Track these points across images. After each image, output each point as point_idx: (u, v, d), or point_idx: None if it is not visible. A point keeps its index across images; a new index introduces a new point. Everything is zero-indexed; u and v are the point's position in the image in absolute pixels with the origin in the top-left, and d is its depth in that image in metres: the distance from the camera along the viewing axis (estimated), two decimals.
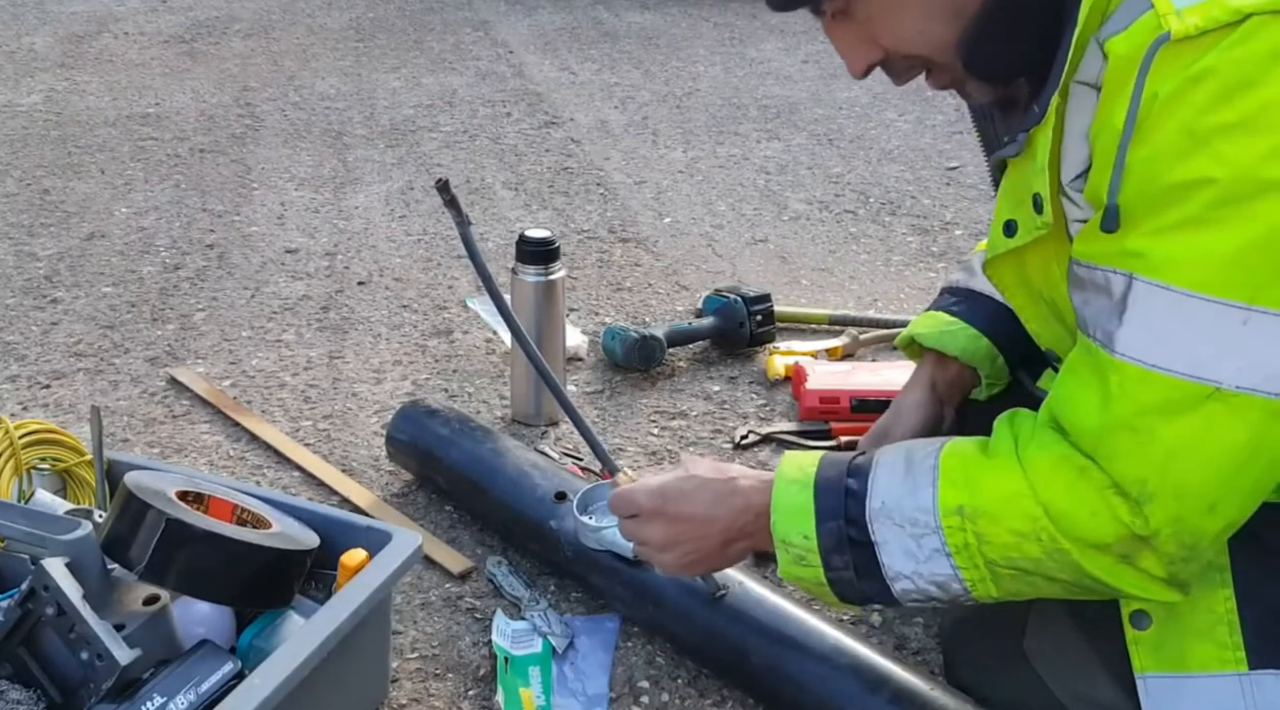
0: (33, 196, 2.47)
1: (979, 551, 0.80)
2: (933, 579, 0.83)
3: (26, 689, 0.86)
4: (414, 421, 1.38)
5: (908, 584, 0.84)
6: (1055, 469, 0.77)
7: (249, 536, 0.93)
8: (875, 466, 0.86)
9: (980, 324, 1.16)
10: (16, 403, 1.61)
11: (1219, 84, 0.69)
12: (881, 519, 0.83)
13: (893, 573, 0.84)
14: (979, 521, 0.79)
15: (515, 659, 1.09)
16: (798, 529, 0.87)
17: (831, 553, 0.85)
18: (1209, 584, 0.83)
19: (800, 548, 0.87)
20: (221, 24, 4.28)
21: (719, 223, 2.36)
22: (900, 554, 0.83)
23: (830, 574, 0.86)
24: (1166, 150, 0.70)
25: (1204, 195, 0.69)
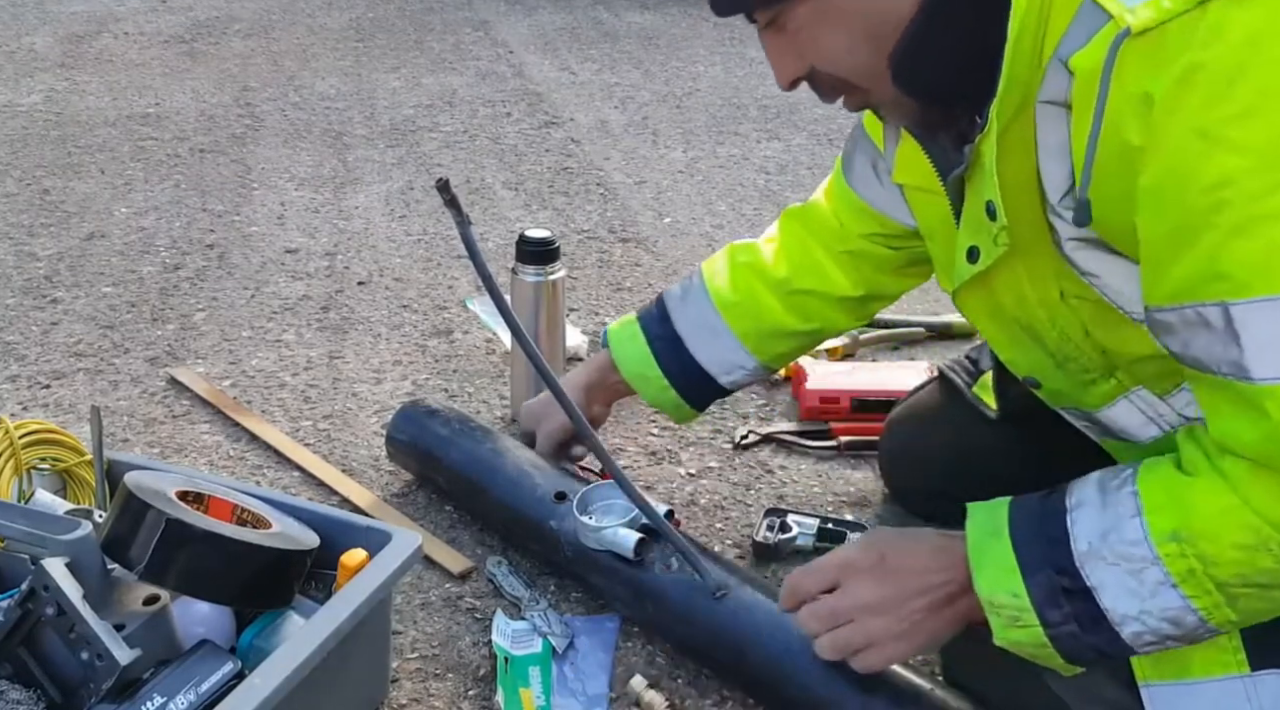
0: (33, 196, 2.47)
1: (1206, 575, 0.74)
2: (1163, 615, 0.76)
3: (26, 689, 0.86)
4: (414, 421, 1.38)
5: (1137, 626, 0.77)
6: (1256, 477, 0.73)
7: (249, 536, 0.93)
8: (1070, 508, 0.81)
9: (673, 373, 1.25)
10: (16, 403, 1.61)
11: (1212, 78, 0.67)
12: (1093, 561, 0.78)
13: (1118, 617, 0.77)
14: (1199, 543, 0.74)
15: (515, 659, 1.09)
16: (1006, 589, 0.81)
17: (1046, 607, 0.80)
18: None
19: (1012, 608, 0.81)
20: (221, 24, 4.28)
21: (719, 223, 2.37)
22: (1123, 594, 0.77)
23: (1050, 631, 0.80)
24: (1184, 158, 0.68)
25: (1239, 190, 0.67)
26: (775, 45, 0.86)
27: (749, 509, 1.36)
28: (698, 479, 1.43)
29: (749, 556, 1.27)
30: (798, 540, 1.27)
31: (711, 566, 1.07)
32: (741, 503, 1.38)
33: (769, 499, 1.38)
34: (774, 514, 1.31)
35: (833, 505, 1.37)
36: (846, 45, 0.82)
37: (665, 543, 1.10)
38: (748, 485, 1.41)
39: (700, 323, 1.25)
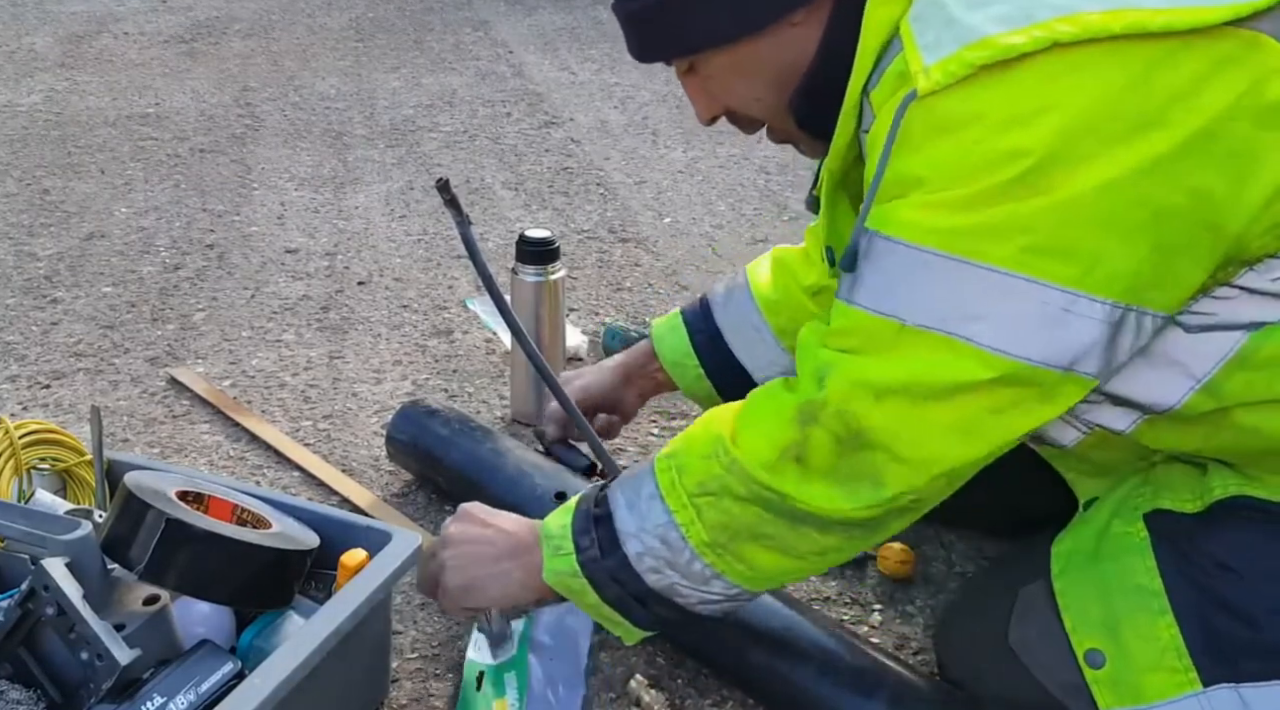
0: (33, 196, 2.47)
1: (680, 486, 0.85)
2: (655, 531, 0.86)
3: (26, 689, 0.86)
4: (414, 421, 1.38)
5: (638, 545, 0.87)
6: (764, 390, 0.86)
7: (249, 536, 0.93)
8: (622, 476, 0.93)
9: (710, 367, 1.29)
10: (16, 403, 1.61)
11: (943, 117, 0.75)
12: (617, 486, 0.91)
13: (623, 535, 0.87)
14: (680, 455, 0.86)
15: (491, 669, 1.08)
16: (559, 522, 0.93)
17: (580, 534, 0.90)
18: (1148, 613, 0.86)
19: (556, 537, 0.92)
20: (221, 24, 4.28)
21: (719, 223, 2.37)
22: (628, 513, 0.88)
23: (580, 557, 0.89)
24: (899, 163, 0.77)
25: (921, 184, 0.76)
26: (693, 87, 0.96)
27: None
28: None
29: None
30: None
31: None
32: None
33: None
34: None
35: None
36: (755, 91, 0.92)
37: None
38: None
39: (741, 319, 1.28)
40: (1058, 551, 0.94)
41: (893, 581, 1.22)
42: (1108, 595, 0.89)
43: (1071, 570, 0.92)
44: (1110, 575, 0.89)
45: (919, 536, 1.30)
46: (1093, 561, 0.91)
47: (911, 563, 1.23)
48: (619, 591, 0.89)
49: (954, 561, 1.26)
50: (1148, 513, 0.90)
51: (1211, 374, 0.81)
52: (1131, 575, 0.88)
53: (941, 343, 0.76)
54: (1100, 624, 0.88)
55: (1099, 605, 0.89)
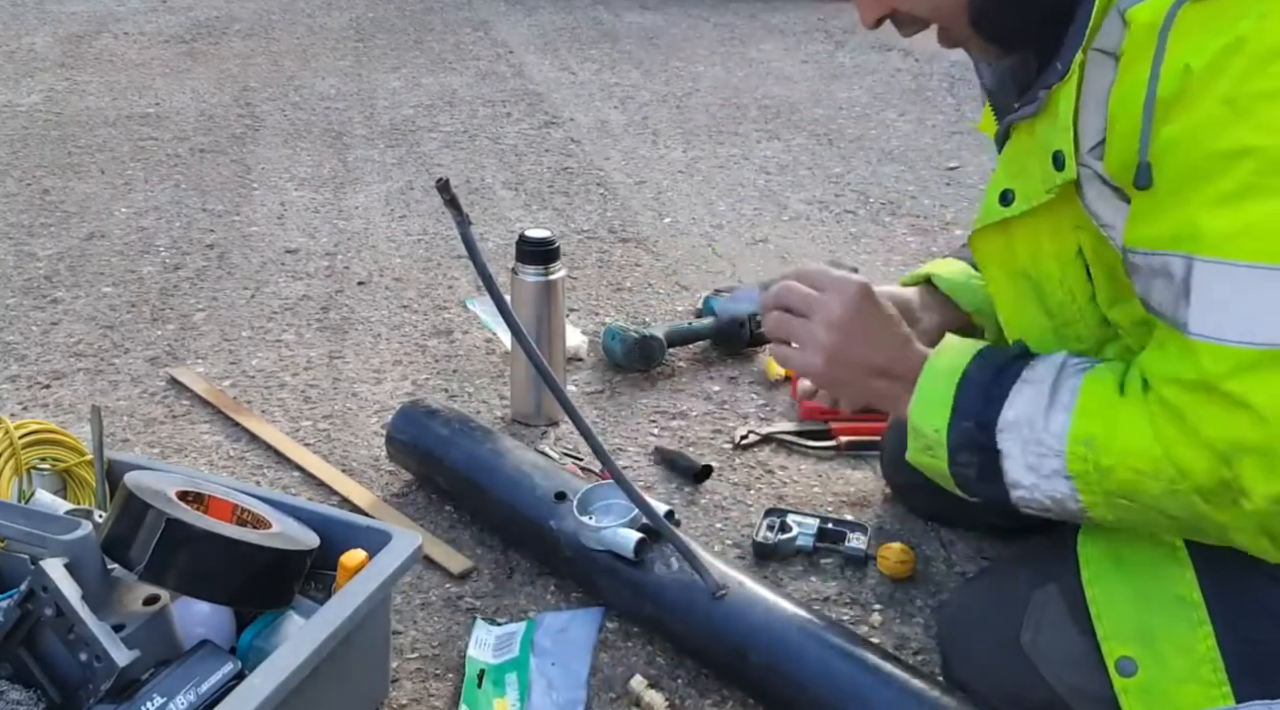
0: (33, 196, 2.47)
1: (1098, 482, 0.81)
2: (1050, 494, 0.84)
3: (26, 689, 0.86)
4: (414, 421, 1.38)
5: (1025, 493, 0.86)
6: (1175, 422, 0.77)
7: (249, 536, 0.93)
8: (1023, 379, 0.86)
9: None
10: (16, 403, 1.61)
11: (1255, 52, 0.69)
12: (1010, 431, 0.85)
13: (1011, 481, 0.86)
14: (1103, 456, 0.81)
15: (492, 668, 1.08)
16: (931, 422, 0.89)
17: (958, 450, 0.88)
18: (1187, 624, 0.85)
19: (930, 439, 0.89)
20: (221, 24, 4.28)
21: (719, 223, 2.37)
22: (1021, 467, 0.85)
23: (954, 469, 0.89)
24: (1208, 122, 0.71)
25: (1249, 164, 0.70)
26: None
27: (749, 509, 1.36)
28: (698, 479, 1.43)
29: (749, 556, 1.27)
30: (798, 540, 1.27)
31: (711, 566, 1.07)
32: (741, 503, 1.38)
33: (769, 499, 1.38)
34: (774, 514, 1.31)
35: (833, 505, 1.37)
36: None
37: (665, 543, 1.10)
38: (748, 485, 1.41)
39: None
40: (1086, 555, 0.92)
41: (893, 581, 1.22)
42: (1145, 605, 0.87)
43: (1104, 577, 0.90)
44: (1148, 585, 0.88)
45: (919, 536, 1.30)
46: (1127, 570, 0.89)
47: (911, 563, 1.23)
48: (985, 499, 0.89)
49: (954, 561, 1.26)
50: None
51: None
52: (1170, 585, 0.86)
53: None
54: (1135, 633, 0.87)
55: (1134, 615, 0.87)
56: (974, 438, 0.87)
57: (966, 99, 3.30)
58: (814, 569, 1.25)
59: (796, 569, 1.25)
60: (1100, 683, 0.89)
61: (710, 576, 1.05)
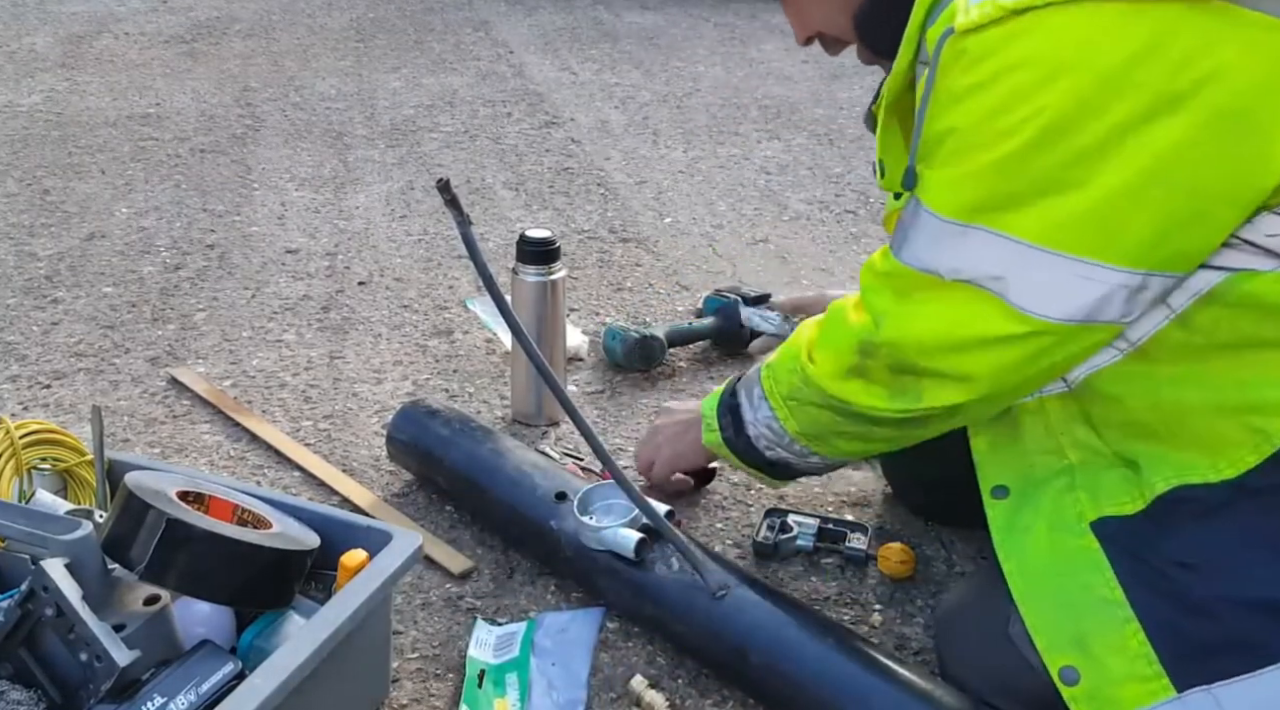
0: (33, 196, 2.47)
1: (776, 391, 1.07)
2: (766, 423, 1.10)
3: (27, 689, 0.86)
4: (414, 421, 1.38)
5: (753, 429, 1.11)
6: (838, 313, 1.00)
7: (249, 536, 0.93)
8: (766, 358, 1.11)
9: None
10: (17, 403, 1.61)
11: (970, 56, 0.82)
12: (742, 386, 1.14)
13: (747, 423, 1.12)
14: (774, 366, 1.07)
15: (493, 668, 1.08)
16: (710, 405, 1.18)
17: (721, 415, 1.16)
18: (1115, 623, 0.86)
19: (709, 418, 1.18)
20: (221, 24, 4.28)
21: (719, 223, 2.37)
22: (746, 402, 1.12)
23: (721, 435, 1.16)
24: (937, 109, 0.86)
25: (951, 141, 0.85)
26: (789, 11, 1.08)
27: (749, 509, 1.36)
28: None
29: (749, 556, 1.27)
30: (798, 540, 1.27)
31: (712, 566, 1.07)
32: (741, 503, 1.38)
33: (769, 499, 1.38)
34: (774, 514, 1.31)
35: (833, 505, 1.37)
36: (824, 12, 1.03)
37: (665, 543, 1.10)
38: (748, 485, 1.41)
39: None
40: (1009, 571, 0.94)
41: (893, 581, 1.22)
42: (1074, 613, 0.88)
43: (1032, 592, 0.92)
44: (1073, 592, 0.89)
45: (919, 536, 1.30)
46: (1052, 579, 0.91)
47: (911, 563, 1.23)
48: (751, 458, 1.14)
49: (954, 561, 1.26)
50: (1094, 522, 0.90)
51: (1185, 306, 0.85)
52: (1093, 589, 0.88)
53: (976, 295, 0.86)
54: (1070, 641, 0.88)
55: (1067, 623, 0.89)
56: (728, 402, 1.15)
57: None
58: (814, 569, 1.25)
59: (796, 569, 1.25)
60: None
61: (710, 576, 1.05)
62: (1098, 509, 0.90)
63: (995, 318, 0.86)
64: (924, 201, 0.89)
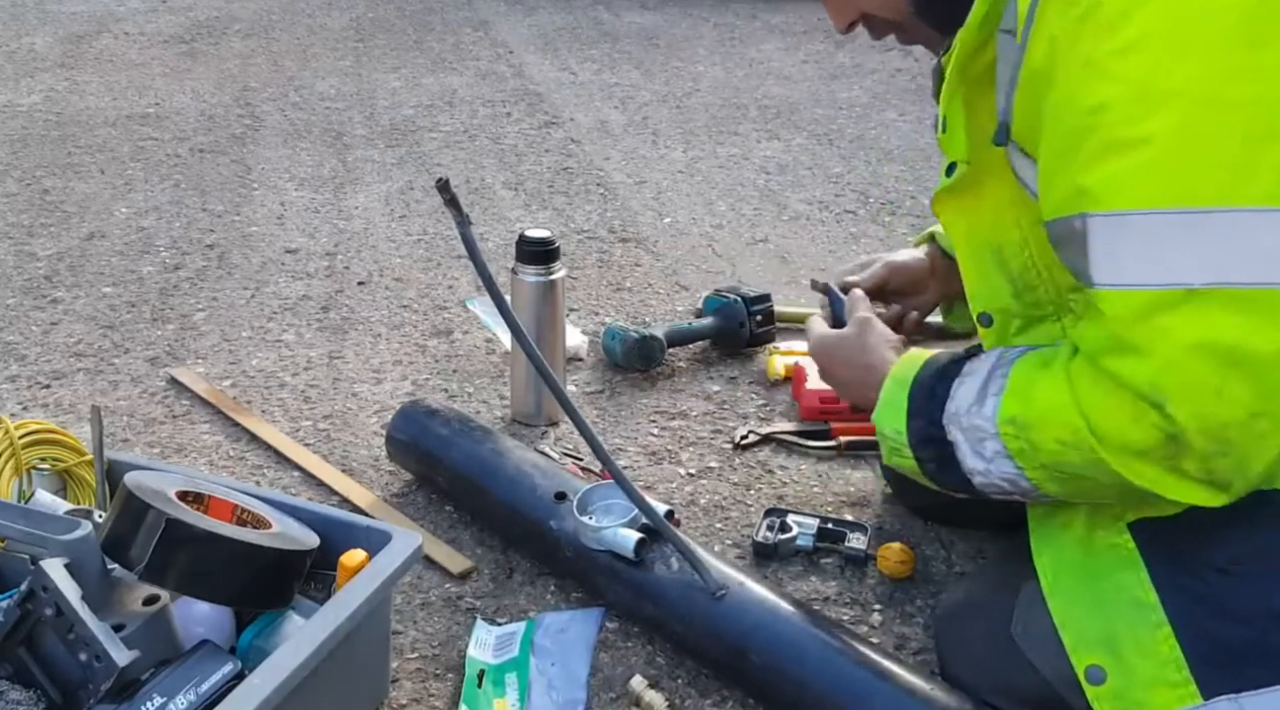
0: (33, 196, 2.47)
1: (1033, 457, 0.85)
2: (1002, 477, 0.88)
3: (26, 689, 0.86)
4: (414, 421, 1.38)
5: (983, 479, 0.90)
6: (1095, 383, 0.79)
7: (249, 537, 0.93)
8: (963, 374, 0.92)
9: None
10: (16, 403, 1.61)
11: (1104, 17, 0.75)
12: (953, 422, 0.90)
13: (968, 468, 0.90)
14: (1029, 431, 0.84)
15: (492, 668, 1.08)
16: (891, 424, 0.96)
17: (920, 447, 0.94)
18: (1146, 626, 0.85)
19: (895, 441, 0.96)
20: (221, 24, 4.28)
21: (719, 223, 2.36)
22: (970, 454, 0.90)
23: (921, 466, 0.95)
24: (1072, 84, 0.77)
25: (1108, 116, 0.75)
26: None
27: (749, 509, 1.36)
28: (698, 479, 1.43)
29: (749, 556, 1.27)
30: (798, 540, 1.27)
31: (712, 566, 1.07)
32: (741, 503, 1.38)
33: (769, 499, 1.38)
34: (774, 514, 1.31)
35: (833, 505, 1.37)
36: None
37: (665, 543, 1.10)
38: (748, 485, 1.41)
39: None
40: (1042, 564, 0.93)
41: (893, 581, 1.22)
42: (1105, 612, 0.88)
43: (1063, 587, 0.91)
44: (1106, 591, 0.88)
45: (919, 536, 1.30)
46: (1085, 577, 0.90)
47: (911, 563, 1.23)
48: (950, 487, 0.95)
49: (954, 561, 1.26)
50: (1132, 522, 0.88)
51: None
52: (1127, 590, 0.87)
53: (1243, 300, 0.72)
54: (1099, 640, 0.87)
55: (1097, 622, 0.88)
56: (929, 433, 0.93)
57: None
58: (814, 569, 1.25)
59: (796, 569, 1.25)
60: None
61: (710, 576, 1.05)
62: (1137, 509, 0.89)
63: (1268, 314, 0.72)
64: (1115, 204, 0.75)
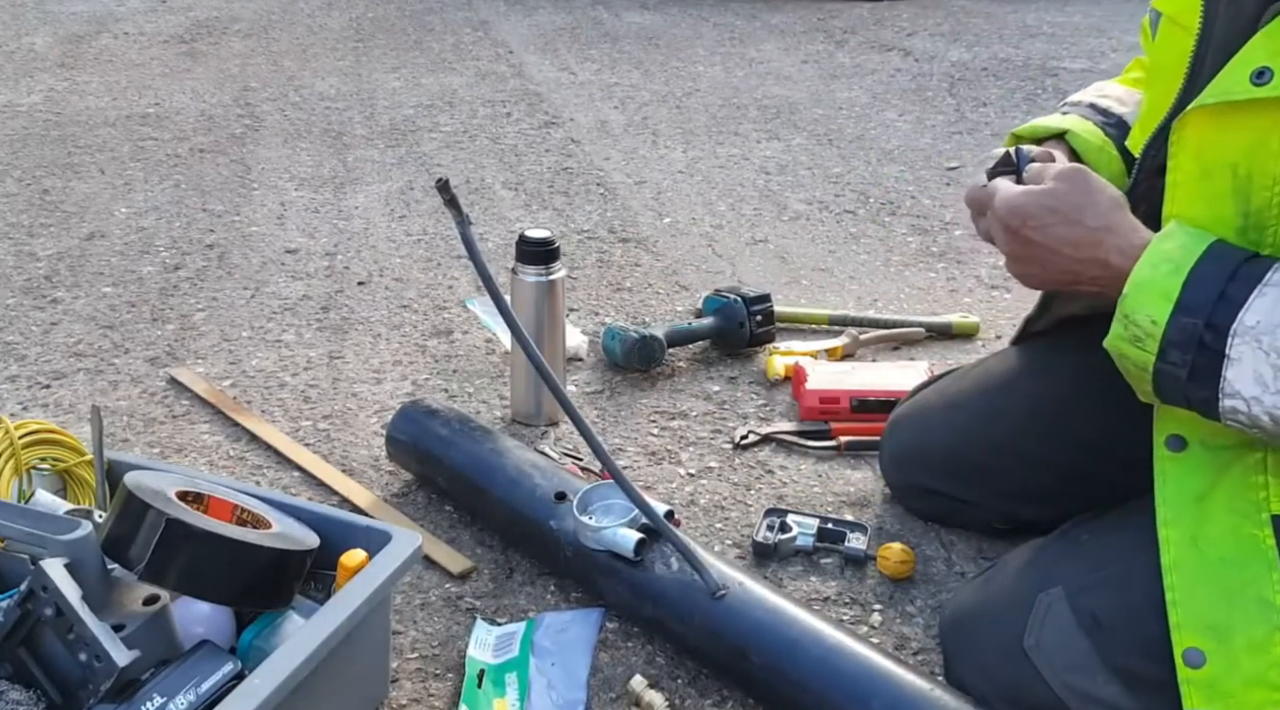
0: (33, 196, 2.47)
1: None
2: (1272, 411, 0.79)
3: (26, 689, 0.86)
4: (414, 421, 1.38)
5: (1240, 404, 0.80)
6: None
7: (249, 536, 0.93)
8: (1267, 282, 0.79)
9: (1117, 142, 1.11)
10: (16, 403, 1.61)
11: None
12: (1247, 337, 0.79)
13: (1231, 390, 0.80)
14: None
15: (492, 668, 1.08)
16: (1148, 312, 0.82)
17: (1173, 347, 0.81)
18: (1266, 627, 0.83)
19: (1143, 329, 0.83)
20: (221, 24, 4.28)
21: (719, 223, 2.36)
22: (1250, 378, 0.79)
23: (1160, 364, 0.83)
24: None
25: None
26: None
27: (749, 509, 1.36)
28: (698, 479, 1.43)
29: (749, 556, 1.27)
30: (798, 540, 1.27)
31: (711, 566, 1.07)
32: (741, 503, 1.38)
33: (769, 499, 1.38)
34: (774, 514, 1.31)
35: (833, 505, 1.37)
36: None
37: (665, 543, 1.10)
38: (748, 485, 1.41)
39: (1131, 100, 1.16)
40: (1167, 535, 0.88)
41: (893, 581, 1.22)
42: (1226, 601, 0.84)
43: (1186, 564, 0.87)
44: (1232, 581, 0.85)
45: (919, 536, 1.30)
46: (1211, 561, 0.86)
47: (911, 563, 1.23)
48: (1181, 402, 0.84)
49: (954, 561, 1.26)
50: (1276, 515, 0.84)
51: None
52: (1255, 586, 0.84)
53: None
54: (1209, 626, 0.85)
55: (1213, 608, 0.85)
56: (1199, 336, 0.80)
57: (966, 99, 3.29)
58: (814, 569, 1.25)
59: (796, 569, 1.25)
60: (1104, 686, 0.89)
61: (710, 576, 1.05)
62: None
63: None
64: None
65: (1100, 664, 0.89)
